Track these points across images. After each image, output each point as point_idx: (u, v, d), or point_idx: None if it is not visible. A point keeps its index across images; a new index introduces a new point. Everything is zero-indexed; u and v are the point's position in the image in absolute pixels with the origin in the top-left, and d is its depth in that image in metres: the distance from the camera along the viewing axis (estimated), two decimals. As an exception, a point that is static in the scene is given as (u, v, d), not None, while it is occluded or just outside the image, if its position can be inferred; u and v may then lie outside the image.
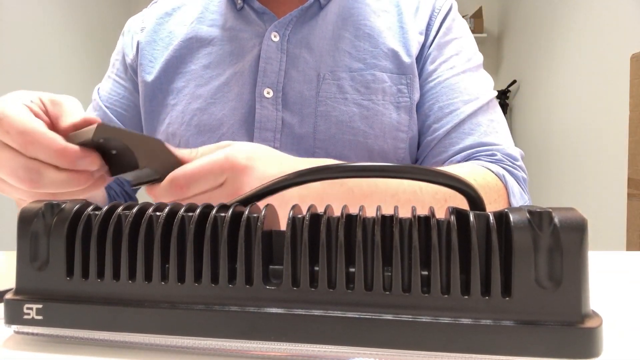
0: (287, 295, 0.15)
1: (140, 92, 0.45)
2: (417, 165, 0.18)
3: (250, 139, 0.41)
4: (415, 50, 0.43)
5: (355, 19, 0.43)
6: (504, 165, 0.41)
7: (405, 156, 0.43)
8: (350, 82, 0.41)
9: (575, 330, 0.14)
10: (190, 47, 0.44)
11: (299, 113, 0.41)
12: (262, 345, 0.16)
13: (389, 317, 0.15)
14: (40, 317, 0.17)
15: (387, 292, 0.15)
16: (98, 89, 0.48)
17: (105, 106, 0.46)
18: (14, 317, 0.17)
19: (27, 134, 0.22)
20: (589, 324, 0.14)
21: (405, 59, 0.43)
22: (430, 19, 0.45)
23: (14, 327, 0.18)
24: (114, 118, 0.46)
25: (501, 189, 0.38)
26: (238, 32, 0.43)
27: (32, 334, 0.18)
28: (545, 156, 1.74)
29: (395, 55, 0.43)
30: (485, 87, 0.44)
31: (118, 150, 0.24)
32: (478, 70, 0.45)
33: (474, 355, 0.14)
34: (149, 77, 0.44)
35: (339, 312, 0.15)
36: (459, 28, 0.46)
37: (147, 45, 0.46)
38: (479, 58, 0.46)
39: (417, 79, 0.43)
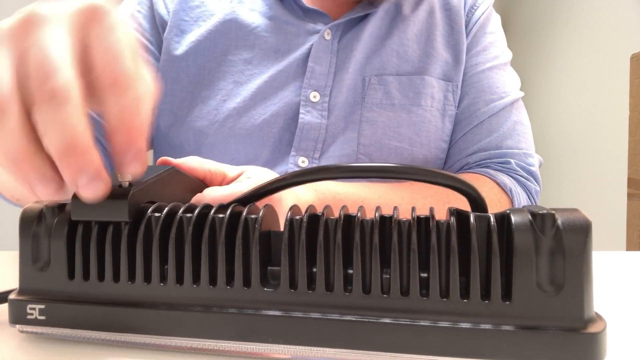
0: (284, 298, 0.15)
1: (160, 65, 0.37)
2: (417, 166, 0.17)
3: (289, 147, 0.36)
4: (462, 56, 0.40)
5: (403, 15, 0.39)
6: (516, 175, 0.39)
7: (442, 167, 0.40)
8: (397, 87, 0.38)
9: (577, 336, 0.13)
10: (228, 31, 0.37)
11: (344, 120, 0.37)
12: (260, 347, 0.15)
13: (387, 320, 0.14)
14: (43, 318, 0.17)
15: (385, 296, 0.14)
16: None
17: None
18: (18, 317, 0.17)
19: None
20: (592, 329, 0.13)
21: (453, 65, 0.39)
22: (467, 15, 0.41)
23: (18, 327, 0.18)
24: None
25: (505, 205, 0.37)
26: (284, 24, 0.37)
27: (36, 333, 0.18)
28: (545, 156, 1.71)
29: (444, 61, 0.39)
30: (510, 86, 0.41)
31: None
32: (505, 68, 0.42)
33: (473, 361, 0.14)
34: (175, 53, 0.37)
35: (336, 315, 0.15)
36: (492, 23, 0.43)
37: (176, 12, 0.38)
38: (507, 55, 0.43)
39: (460, 86, 0.40)
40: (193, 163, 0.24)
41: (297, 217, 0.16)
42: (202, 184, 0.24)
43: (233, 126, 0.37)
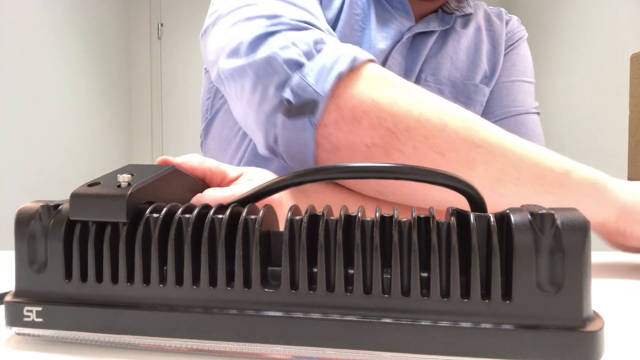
0: (285, 299, 0.15)
1: None
2: (417, 166, 0.17)
3: None
4: (497, 74, 0.43)
5: (456, 29, 0.43)
6: None
7: None
8: (450, 89, 0.40)
9: (576, 335, 0.14)
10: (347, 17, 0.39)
11: None
12: (261, 348, 0.15)
13: (388, 320, 0.14)
14: (40, 320, 0.17)
15: (387, 296, 0.15)
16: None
17: None
18: (15, 319, 0.17)
19: None
20: (590, 327, 0.14)
21: (489, 78, 0.43)
22: (507, 36, 0.46)
23: (15, 329, 0.18)
24: None
25: None
26: (382, 14, 0.40)
27: (33, 335, 0.17)
28: (545, 156, 1.72)
29: (484, 73, 0.43)
30: (528, 102, 0.44)
31: None
32: (527, 86, 0.45)
33: (473, 359, 0.14)
34: None
35: (337, 316, 0.15)
36: (524, 48, 0.47)
37: None
38: (532, 78, 0.46)
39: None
40: (193, 162, 0.24)
41: (298, 218, 0.16)
42: (203, 183, 0.24)
43: None
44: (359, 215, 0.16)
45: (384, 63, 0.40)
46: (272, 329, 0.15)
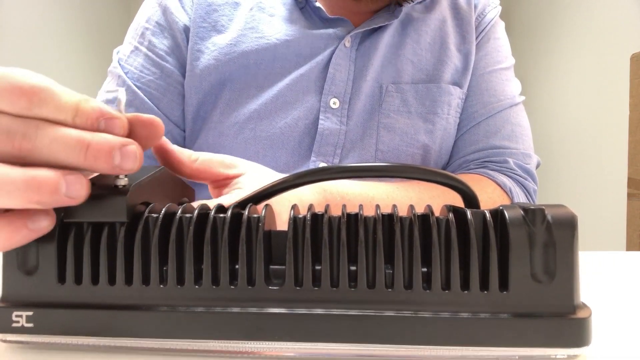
0: (289, 295, 0.17)
1: (187, 76, 0.40)
2: (414, 165, 0.19)
3: (309, 151, 0.39)
4: (471, 65, 0.43)
5: (416, 25, 0.43)
6: (514, 175, 0.42)
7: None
8: (414, 95, 0.41)
9: (568, 321, 0.16)
10: (250, 42, 0.40)
11: (362, 126, 0.40)
12: (265, 346, 0.16)
13: (391, 313, 0.16)
14: (30, 325, 0.17)
15: (390, 290, 0.16)
16: (120, 60, 0.41)
17: (137, 86, 0.40)
18: (2, 326, 0.18)
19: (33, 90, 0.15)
20: (581, 314, 0.16)
21: (462, 72, 0.43)
22: (475, 21, 0.45)
23: (1, 336, 0.18)
24: (147, 100, 0.40)
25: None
26: (305, 30, 0.40)
27: (23, 342, 0.18)
28: (545, 156, 1.78)
29: (455, 68, 0.43)
30: (510, 91, 0.45)
31: None
32: (506, 73, 0.45)
33: (473, 348, 0.16)
34: (197, 63, 0.39)
35: (341, 311, 0.16)
36: (498, 30, 0.47)
37: (194, 20, 0.40)
38: (510, 61, 0.47)
39: (465, 92, 0.43)
40: (182, 157, 0.24)
41: (300, 216, 0.17)
42: (186, 185, 0.25)
43: (254, 128, 0.40)
44: (361, 212, 0.17)
45: (323, 72, 0.40)
46: (276, 326, 0.16)
